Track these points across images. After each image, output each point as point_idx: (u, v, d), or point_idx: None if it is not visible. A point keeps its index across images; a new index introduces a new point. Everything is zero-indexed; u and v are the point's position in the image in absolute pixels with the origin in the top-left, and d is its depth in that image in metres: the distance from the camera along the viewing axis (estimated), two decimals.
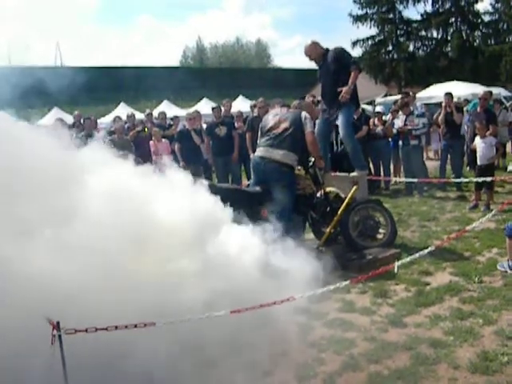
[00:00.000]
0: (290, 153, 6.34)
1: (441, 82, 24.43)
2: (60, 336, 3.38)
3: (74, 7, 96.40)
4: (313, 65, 7.82)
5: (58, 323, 3.39)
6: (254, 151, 7.73)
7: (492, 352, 4.02)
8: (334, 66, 7.26)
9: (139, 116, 17.48)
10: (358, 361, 4.06)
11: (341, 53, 7.36)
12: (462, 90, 20.90)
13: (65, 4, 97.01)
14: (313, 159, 6.68)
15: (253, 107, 11.93)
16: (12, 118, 4.55)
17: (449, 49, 41.64)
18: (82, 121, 12.32)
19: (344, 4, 65.83)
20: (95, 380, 3.57)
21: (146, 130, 12.18)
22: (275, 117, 6.69)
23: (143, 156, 11.26)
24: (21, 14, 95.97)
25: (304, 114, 6.53)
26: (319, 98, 8.32)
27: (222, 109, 11.73)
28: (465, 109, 11.51)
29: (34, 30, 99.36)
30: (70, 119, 15.99)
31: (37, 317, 3.36)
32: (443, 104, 11.13)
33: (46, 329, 3.35)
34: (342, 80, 7.15)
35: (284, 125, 6.48)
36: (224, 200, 5.67)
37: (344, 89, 7.07)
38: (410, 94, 12.86)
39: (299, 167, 6.66)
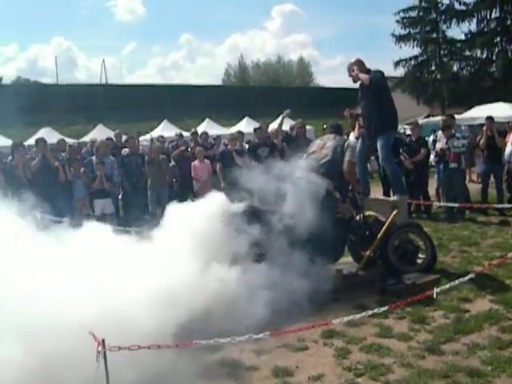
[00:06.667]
0: (327, 178, 6.49)
1: (485, 102, 24.07)
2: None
3: (116, 24, 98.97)
4: (355, 84, 7.62)
5: (103, 340, 3.56)
6: None
7: None
8: (376, 90, 7.27)
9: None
10: None
11: (383, 78, 7.37)
12: (506, 111, 20.59)
13: (108, 20, 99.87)
14: None
15: (292, 129, 12.05)
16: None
17: (493, 69, 40.91)
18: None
19: (386, 23, 65.24)
20: None
21: (190, 149, 12.42)
22: (321, 142, 7.01)
23: (185, 176, 11.53)
24: (67, 30, 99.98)
25: (347, 142, 6.70)
26: None
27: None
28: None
29: (79, 47, 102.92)
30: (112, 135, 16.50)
31: None
32: (484, 128, 11.02)
33: None
34: (384, 104, 7.19)
35: (325, 151, 6.73)
36: (263, 221, 5.85)
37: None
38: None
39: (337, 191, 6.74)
